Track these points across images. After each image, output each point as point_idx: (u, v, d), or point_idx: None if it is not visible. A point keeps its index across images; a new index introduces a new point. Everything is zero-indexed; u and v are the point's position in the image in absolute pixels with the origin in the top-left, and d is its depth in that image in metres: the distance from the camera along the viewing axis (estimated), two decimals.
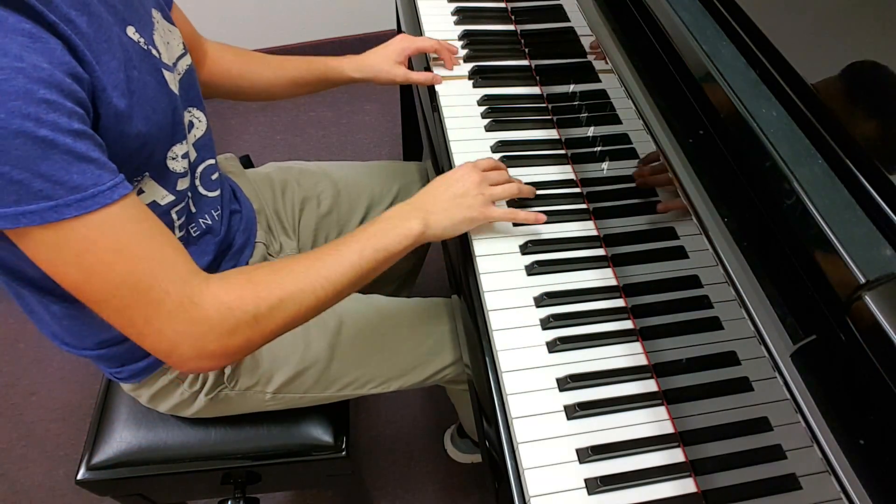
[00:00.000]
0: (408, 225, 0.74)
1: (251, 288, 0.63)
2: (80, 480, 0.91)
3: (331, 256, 0.69)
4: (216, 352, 0.61)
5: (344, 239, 0.72)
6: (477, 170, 0.81)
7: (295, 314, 0.65)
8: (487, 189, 0.80)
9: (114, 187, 0.54)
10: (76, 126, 0.52)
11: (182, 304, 0.58)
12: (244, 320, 0.61)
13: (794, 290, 0.52)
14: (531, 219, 0.82)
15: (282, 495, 1.40)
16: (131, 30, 0.64)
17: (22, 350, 1.59)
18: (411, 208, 0.77)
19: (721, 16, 0.67)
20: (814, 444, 0.47)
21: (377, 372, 0.92)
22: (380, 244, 0.72)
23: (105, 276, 0.55)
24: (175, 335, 0.59)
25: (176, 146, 0.71)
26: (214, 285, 0.61)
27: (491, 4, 1.17)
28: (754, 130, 0.57)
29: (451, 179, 0.80)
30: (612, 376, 0.72)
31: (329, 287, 0.67)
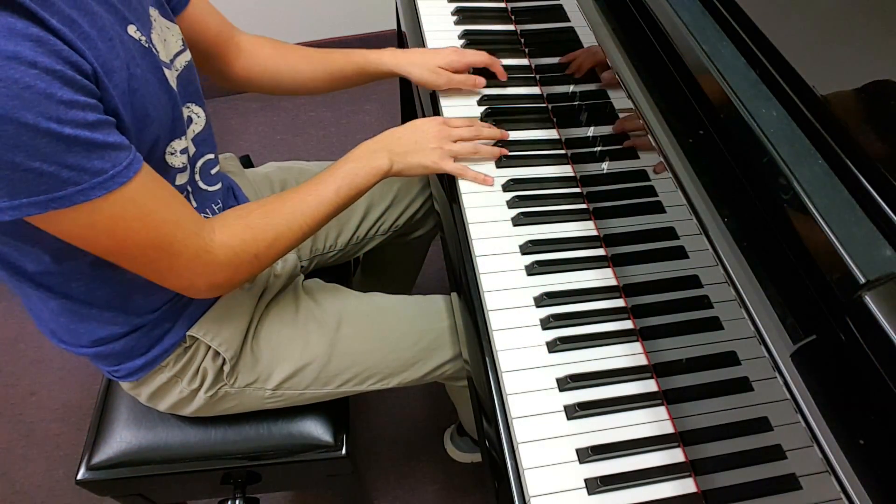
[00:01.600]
0: (377, 163, 0.83)
1: (250, 232, 0.73)
2: (80, 480, 0.91)
3: (312, 196, 0.78)
4: (224, 284, 0.74)
5: (321, 178, 0.81)
6: (443, 124, 0.89)
7: (286, 247, 0.77)
8: (447, 143, 0.88)
9: (129, 164, 0.60)
10: (92, 118, 0.56)
11: (197, 254, 0.69)
12: (247, 259, 0.73)
13: (794, 290, 0.52)
14: (479, 179, 0.89)
15: (282, 495, 1.40)
16: (132, 28, 0.65)
17: (22, 350, 1.59)
18: (378, 147, 0.85)
19: (721, 16, 0.67)
20: (814, 444, 0.47)
21: (377, 368, 0.92)
22: (353, 182, 0.81)
23: (134, 241, 0.64)
24: (192, 276, 0.70)
25: (175, 141, 0.72)
26: (219, 233, 0.71)
27: (491, 4, 1.17)
28: (754, 130, 0.57)
29: (417, 127, 0.89)
30: (612, 376, 0.72)
31: (312, 223, 0.79)
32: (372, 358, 0.91)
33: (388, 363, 0.92)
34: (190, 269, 0.69)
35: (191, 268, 0.69)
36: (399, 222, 1.12)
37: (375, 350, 0.91)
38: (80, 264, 0.69)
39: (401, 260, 1.32)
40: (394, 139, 0.87)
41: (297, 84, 0.99)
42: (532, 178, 0.90)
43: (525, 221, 0.85)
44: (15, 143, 0.51)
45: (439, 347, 0.93)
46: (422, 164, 0.86)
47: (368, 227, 1.09)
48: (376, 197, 1.09)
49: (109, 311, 0.75)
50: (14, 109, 0.50)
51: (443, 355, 0.94)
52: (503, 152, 0.92)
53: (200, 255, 0.69)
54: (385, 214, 1.10)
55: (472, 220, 0.85)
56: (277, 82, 0.98)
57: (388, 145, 0.85)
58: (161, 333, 0.80)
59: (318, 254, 1.08)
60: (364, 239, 1.11)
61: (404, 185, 1.11)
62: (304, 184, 0.80)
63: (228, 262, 0.71)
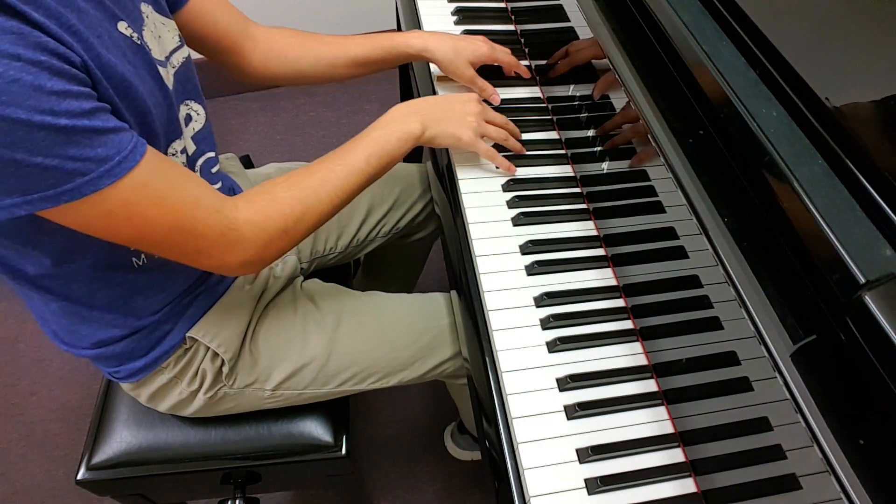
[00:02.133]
0: (409, 127, 0.80)
1: (276, 207, 0.70)
2: (80, 480, 0.91)
3: (341, 167, 0.75)
4: (256, 261, 0.71)
5: (349, 146, 0.78)
6: (482, 106, 0.87)
7: (317, 221, 0.74)
8: (483, 124, 0.86)
9: (135, 148, 0.58)
10: (88, 106, 0.54)
11: (223, 233, 0.67)
12: (276, 235, 0.70)
13: (794, 290, 0.52)
14: (504, 165, 0.89)
15: (282, 495, 1.40)
16: (123, 25, 0.63)
17: (22, 350, 1.59)
18: (411, 111, 0.82)
19: (721, 16, 0.67)
20: (814, 444, 0.47)
21: (376, 367, 0.92)
22: (384, 150, 0.78)
23: (155, 226, 0.62)
24: (222, 255, 0.68)
25: (175, 142, 0.71)
26: (243, 209, 0.69)
27: (491, 4, 1.17)
28: (754, 130, 0.57)
29: (456, 98, 0.87)
30: (612, 376, 0.72)
31: (343, 195, 0.75)
32: (371, 357, 0.91)
33: (388, 362, 0.92)
34: (218, 248, 0.67)
35: (218, 247, 0.67)
36: (400, 224, 1.12)
37: (374, 349, 0.91)
38: (80, 266, 0.68)
39: (402, 262, 1.32)
40: (429, 104, 0.84)
41: (318, 71, 0.95)
42: (532, 178, 0.90)
43: (525, 221, 0.85)
44: (11, 140, 0.50)
45: (439, 345, 0.93)
46: (455, 136, 0.84)
47: (369, 229, 1.09)
48: (377, 199, 1.09)
49: (110, 313, 0.75)
50: (3, 106, 0.49)
51: (443, 353, 0.94)
52: (523, 150, 0.92)
53: (225, 234, 0.67)
54: (386, 217, 1.10)
55: (472, 220, 0.85)
56: (297, 71, 0.95)
57: (421, 109, 0.83)
58: (161, 335, 0.80)
59: (319, 255, 1.07)
60: (365, 241, 1.10)
61: (406, 187, 1.11)
62: (332, 153, 0.77)
63: (256, 238, 0.69)
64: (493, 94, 0.98)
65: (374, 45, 0.95)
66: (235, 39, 0.89)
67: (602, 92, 0.80)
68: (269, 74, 0.94)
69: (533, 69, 1.06)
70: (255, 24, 0.93)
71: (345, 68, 0.96)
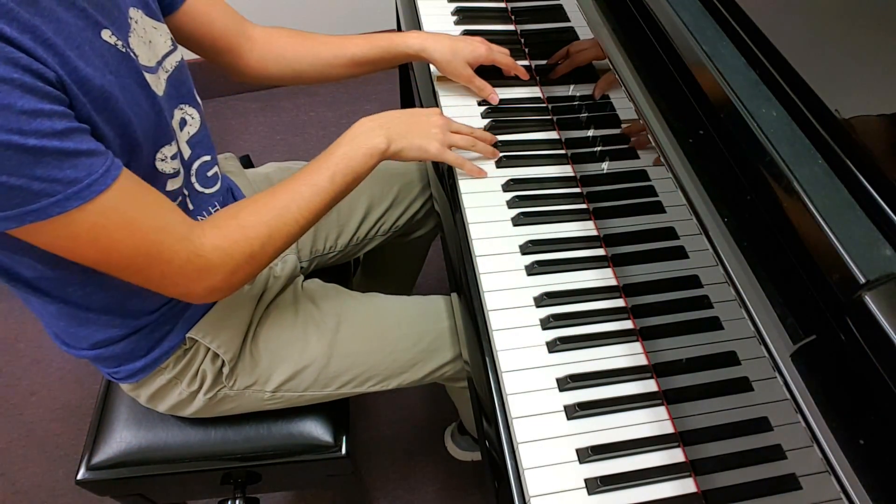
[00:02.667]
0: (374, 142, 0.79)
1: (243, 232, 0.70)
2: (80, 480, 0.91)
3: (306, 187, 0.75)
4: (223, 287, 0.70)
5: (314, 165, 0.77)
6: (444, 119, 0.87)
7: (284, 244, 0.74)
8: (448, 134, 0.86)
9: (106, 172, 0.57)
10: (60, 126, 0.53)
11: (189, 259, 0.66)
12: (243, 260, 0.70)
13: (794, 290, 0.52)
14: (475, 171, 0.88)
15: (282, 495, 1.40)
16: (107, 33, 0.62)
17: (22, 350, 1.59)
18: (375, 125, 0.81)
19: (721, 16, 0.67)
20: (814, 444, 0.47)
21: (376, 369, 0.91)
22: (349, 167, 0.77)
23: (120, 250, 0.61)
24: (188, 282, 0.67)
25: (164, 148, 0.70)
26: (211, 235, 0.68)
27: (491, 4, 1.17)
28: (754, 130, 0.57)
29: (419, 111, 0.86)
30: (612, 376, 0.72)
31: (309, 215, 0.75)
32: (371, 359, 0.91)
33: (388, 365, 0.92)
34: (184, 275, 0.66)
35: (184, 273, 0.66)
36: (399, 223, 1.12)
37: (375, 351, 0.91)
38: (74, 270, 0.67)
39: (401, 260, 1.32)
40: (393, 118, 0.83)
41: (316, 71, 0.95)
42: (532, 178, 0.90)
43: (525, 221, 0.85)
44: None
45: (439, 348, 0.93)
46: (422, 147, 0.83)
47: (369, 227, 1.09)
48: (376, 197, 1.09)
49: (107, 314, 0.75)
50: None
51: (443, 356, 0.94)
52: (497, 154, 0.91)
53: (192, 260, 0.66)
54: (385, 215, 1.10)
55: (472, 220, 0.85)
56: (295, 70, 0.95)
57: (386, 123, 0.82)
58: (160, 336, 0.80)
59: (318, 255, 1.07)
60: (364, 240, 1.10)
61: (405, 185, 1.11)
62: (298, 173, 0.77)
63: (223, 264, 0.68)
64: (491, 94, 0.98)
65: (372, 44, 0.95)
66: (232, 40, 0.89)
67: (603, 92, 0.80)
68: (267, 74, 0.94)
69: (533, 69, 1.06)
70: (252, 24, 0.92)
71: (343, 68, 0.96)
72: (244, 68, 0.93)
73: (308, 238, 1.05)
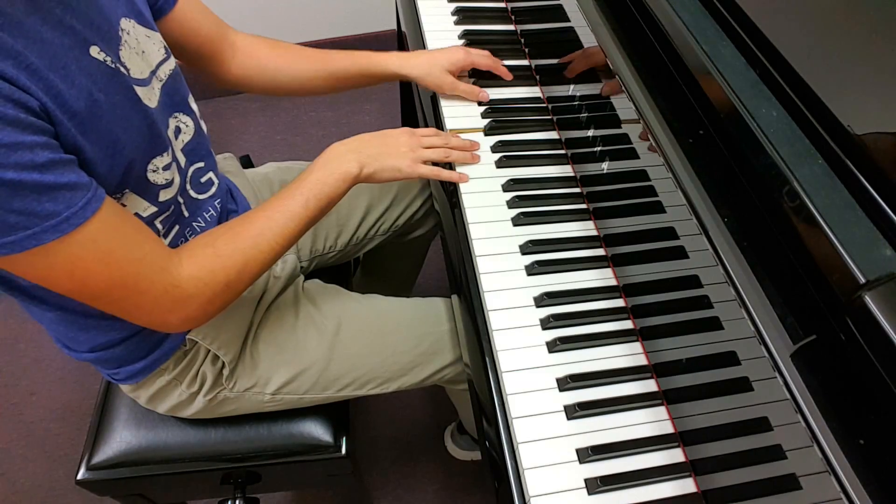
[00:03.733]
0: (346, 167, 0.80)
1: (219, 261, 0.70)
2: (80, 480, 0.91)
3: (280, 214, 0.75)
4: (199, 316, 0.70)
5: (289, 191, 0.77)
6: (412, 136, 0.88)
7: (259, 270, 0.74)
8: (419, 150, 0.86)
9: (87, 205, 0.57)
10: (41, 159, 0.53)
11: (165, 290, 0.65)
12: (219, 289, 0.70)
13: (794, 290, 0.52)
14: (454, 178, 0.88)
15: (282, 495, 1.40)
16: (95, 50, 0.61)
17: (22, 350, 1.59)
18: (346, 150, 0.82)
19: (721, 16, 0.67)
20: (814, 444, 0.47)
21: (376, 372, 0.91)
22: (322, 192, 0.78)
23: (96, 281, 0.61)
24: (162, 312, 0.67)
25: (156, 159, 0.70)
26: (187, 264, 0.68)
27: (491, 4, 1.17)
28: (754, 130, 0.57)
29: (387, 134, 0.87)
30: (612, 376, 0.72)
31: (283, 241, 0.75)
32: (371, 362, 0.91)
33: (388, 367, 0.92)
34: (159, 306, 0.66)
35: (160, 304, 0.66)
36: (399, 222, 1.12)
37: (375, 354, 0.91)
38: None
39: (401, 260, 1.32)
40: (363, 142, 0.84)
41: (297, 84, 0.96)
42: (532, 178, 0.90)
43: (525, 221, 0.85)
44: None
45: (439, 351, 0.93)
46: (395, 167, 0.83)
47: (368, 227, 1.09)
48: (376, 197, 1.09)
49: (106, 319, 0.74)
50: None
51: (443, 359, 0.94)
52: (476, 158, 0.91)
53: (168, 291, 0.65)
54: (385, 214, 1.10)
55: (472, 220, 0.85)
56: (276, 82, 0.95)
57: (357, 147, 0.83)
58: (161, 338, 0.80)
59: (318, 254, 1.08)
60: (364, 239, 1.10)
61: (404, 185, 1.11)
62: (272, 199, 0.77)
63: (199, 293, 0.68)
64: (480, 93, 0.99)
65: (352, 61, 0.96)
66: (216, 47, 0.89)
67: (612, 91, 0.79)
68: (247, 83, 0.95)
69: (533, 69, 1.06)
70: (235, 31, 0.93)
71: (322, 82, 0.97)
72: (225, 75, 0.93)
73: (308, 238, 1.05)
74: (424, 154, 0.86)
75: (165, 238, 0.76)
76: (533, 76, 1.05)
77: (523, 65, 1.07)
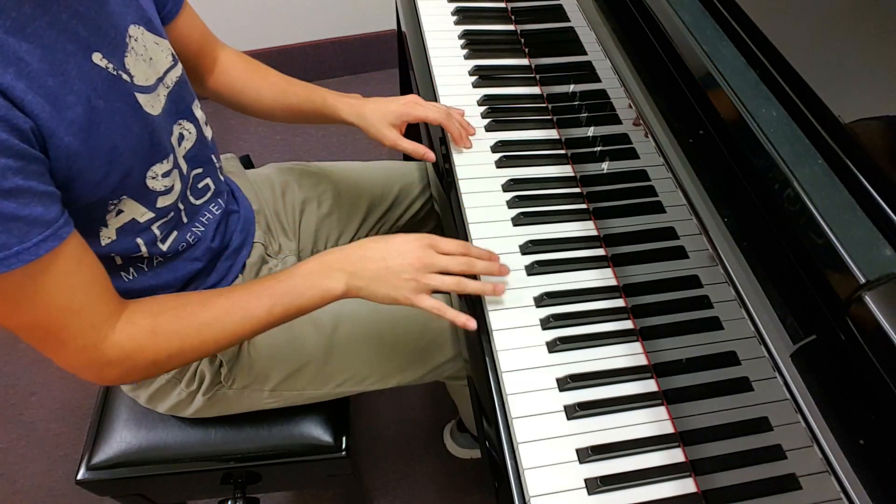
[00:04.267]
0: (329, 285, 0.71)
1: (153, 339, 0.65)
2: (80, 480, 0.91)
3: (239, 310, 0.69)
4: (115, 380, 0.68)
5: (259, 286, 0.71)
6: (426, 249, 0.74)
7: (193, 357, 0.69)
8: (425, 276, 0.72)
9: (41, 242, 0.54)
10: (7, 185, 0.51)
11: (86, 347, 0.62)
12: (143, 365, 0.66)
13: (794, 290, 0.52)
14: (460, 320, 0.73)
15: (282, 495, 1.40)
16: (97, 56, 0.61)
17: (22, 350, 1.59)
18: (338, 265, 0.72)
19: (721, 16, 0.67)
20: (814, 444, 0.47)
21: (375, 368, 0.91)
22: (293, 303, 0.71)
23: (21, 318, 0.58)
24: (77, 365, 0.64)
25: (156, 166, 0.69)
26: (119, 331, 0.64)
27: (491, 4, 1.17)
28: (754, 130, 0.57)
29: (392, 249, 0.73)
30: (612, 376, 0.72)
31: (232, 338, 0.70)
32: (371, 358, 0.91)
33: (387, 363, 0.92)
34: (75, 359, 0.63)
35: (76, 358, 0.63)
36: (400, 223, 1.12)
37: (374, 350, 0.91)
38: None
39: None
40: (362, 259, 0.73)
41: (258, 108, 0.96)
42: (532, 178, 0.90)
43: (525, 221, 0.85)
44: None
45: (439, 347, 0.93)
46: (390, 297, 0.72)
47: (369, 228, 1.09)
48: (377, 198, 1.09)
49: None
50: None
51: (442, 355, 0.94)
52: (496, 289, 0.76)
53: (88, 350, 0.62)
54: (386, 215, 1.10)
55: (472, 220, 0.85)
56: (240, 102, 0.96)
57: (351, 265, 0.73)
58: None
59: None
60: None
61: (405, 185, 1.11)
62: (239, 288, 0.71)
63: (119, 362, 0.64)
64: (425, 153, 0.92)
65: (308, 98, 0.95)
66: (200, 59, 0.90)
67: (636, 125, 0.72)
68: (217, 97, 0.96)
69: (533, 69, 1.06)
70: (221, 45, 0.94)
71: (280, 112, 0.97)
72: (201, 85, 0.94)
73: (309, 239, 1.05)
74: (431, 283, 0.73)
75: (163, 243, 0.76)
76: (533, 76, 1.05)
77: (523, 65, 1.07)
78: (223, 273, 0.87)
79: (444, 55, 1.08)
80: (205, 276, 0.84)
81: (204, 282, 0.84)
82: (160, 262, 0.77)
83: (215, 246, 0.84)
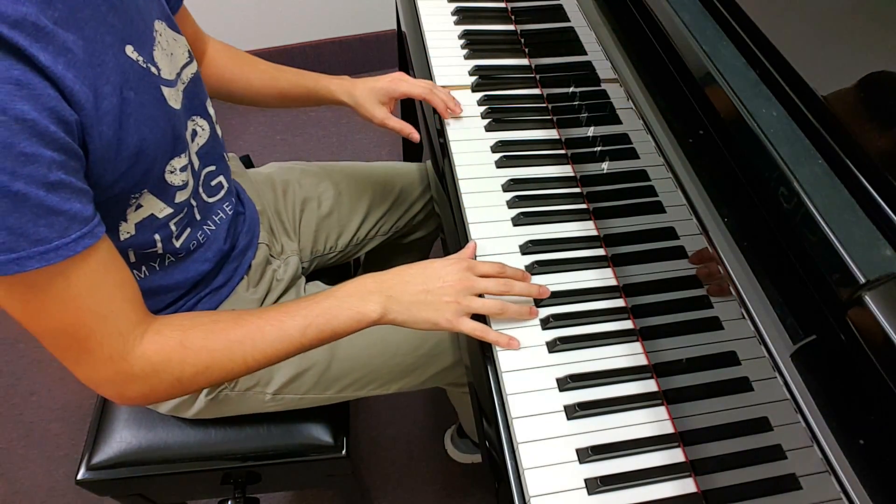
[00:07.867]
0: (366, 308, 0.69)
1: (181, 352, 0.64)
2: (80, 480, 0.91)
3: (273, 329, 0.67)
4: (136, 398, 0.65)
5: (294, 307, 0.69)
6: (465, 272, 0.73)
7: (221, 378, 0.67)
8: (466, 298, 0.71)
9: (79, 239, 0.54)
10: (53, 178, 0.51)
11: (112, 357, 0.60)
12: (167, 381, 0.64)
13: (794, 290, 0.52)
14: (502, 342, 0.72)
15: (282, 495, 1.40)
16: (130, 49, 0.62)
17: (22, 350, 1.59)
18: (376, 288, 0.71)
19: (721, 16, 0.67)
20: (814, 444, 0.47)
21: (377, 373, 0.91)
22: (328, 325, 0.69)
23: (47, 321, 0.57)
24: (100, 379, 0.62)
25: (174, 160, 0.70)
26: (147, 342, 0.62)
27: (491, 4, 1.17)
28: (754, 130, 0.57)
29: (432, 274, 0.72)
30: (612, 376, 0.72)
31: (263, 359, 0.68)
32: (372, 363, 0.91)
33: (389, 369, 0.92)
34: (99, 371, 0.61)
35: (99, 369, 0.61)
36: (400, 223, 1.12)
37: (376, 355, 0.91)
38: None
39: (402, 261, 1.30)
40: (400, 283, 0.71)
41: (249, 95, 0.98)
42: (532, 178, 0.90)
43: (525, 221, 0.85)
44: None
45: (440, 353, 0.93)
46: (431, 321, 0.71)
47: (369, 228, 1.09)
48: (377, 198, 1.09)
49: None
50: None
51: (443, 361, 0.93)
52: (532, 312, 0.75)
53: (114, 361, 0.60)
54: (386, 216, 1.10)
55: (472, 220, 0.85)
56: (230, 91, 0.97)
57: (390, 289, 0.71)
58: None
59: (319, 255, 1.08)
60: (364, 240, 1.10)
61: (406, 186, 1.11)
62: (273, 308, 0.69)
63: (144, 377, 0.62)
64: (410, 132, 0.95)
65: (299, 82, 0.97)
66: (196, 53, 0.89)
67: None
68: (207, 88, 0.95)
69: (533, 69, 1.06)
70: (208, 38, 0.95)
71: (272, 98, 0.98)
72: None
73: (309, 239, 1.05)
74: (471, 305, 0.71)
75: (177, 240, 0.75)
76: (533, 76, 1.05)
77: (523, 65, 1.07)
78: (230, 274, 0.87)
79: (444, 55, 1.08)
80: (212, 278, 0.84)
81: (211, 283, 0.84)
82: (171, 261, 0.77)
83: (226, 248, 0.84)
